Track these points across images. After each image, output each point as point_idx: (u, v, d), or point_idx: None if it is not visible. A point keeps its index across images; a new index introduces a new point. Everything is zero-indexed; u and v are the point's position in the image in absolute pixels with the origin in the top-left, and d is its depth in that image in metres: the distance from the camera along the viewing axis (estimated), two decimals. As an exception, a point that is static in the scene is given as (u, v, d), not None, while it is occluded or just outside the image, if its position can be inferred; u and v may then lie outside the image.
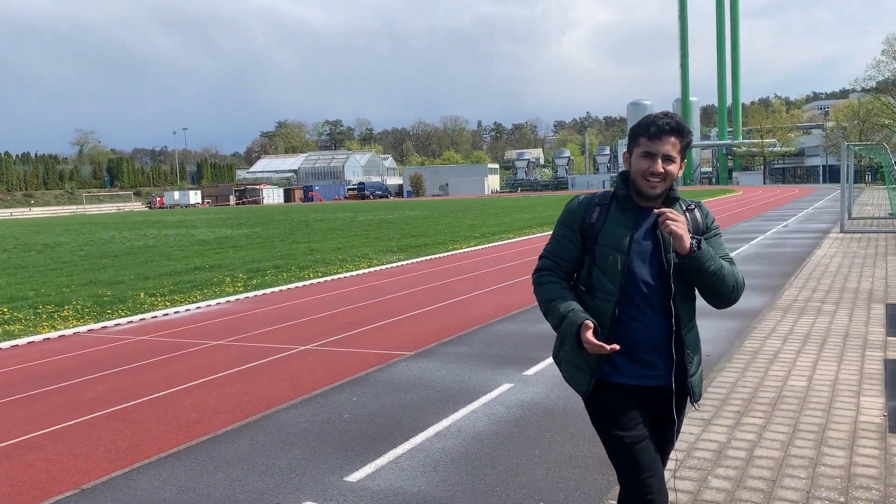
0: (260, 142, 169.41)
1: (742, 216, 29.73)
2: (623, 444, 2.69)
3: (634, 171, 2.67)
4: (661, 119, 2.63)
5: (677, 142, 2.63)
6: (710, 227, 2.74)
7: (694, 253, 2.56)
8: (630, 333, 2.65)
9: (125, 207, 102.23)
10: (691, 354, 2.72)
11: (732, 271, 2.67)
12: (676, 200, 2.70)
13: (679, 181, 15.48)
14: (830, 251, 15.66)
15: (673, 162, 2.63)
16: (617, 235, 2.65)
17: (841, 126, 78.18)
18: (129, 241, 29.30)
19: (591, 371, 2.69)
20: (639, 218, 2.68)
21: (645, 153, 2.62)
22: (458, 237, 23.96)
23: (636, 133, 2.68)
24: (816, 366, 6.54)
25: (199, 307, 11.76)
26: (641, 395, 2.72)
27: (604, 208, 2.73)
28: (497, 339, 8.38)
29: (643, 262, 2.64)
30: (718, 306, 2.74)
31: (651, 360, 2.67)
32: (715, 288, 2.64)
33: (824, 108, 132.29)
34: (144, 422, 5.94)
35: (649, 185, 2.62)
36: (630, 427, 2.69)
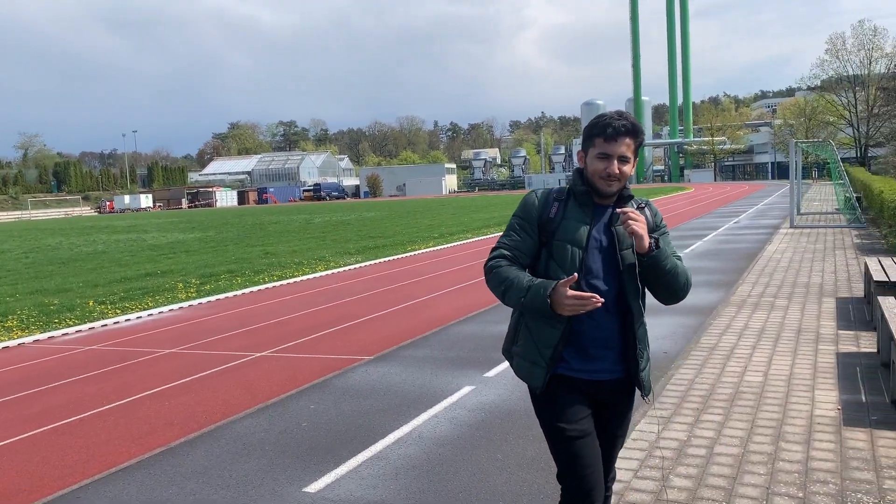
0: (212, 143, 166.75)
1: (695, 213, 30.25)
2: (566, 436, 2.70)
3: (591, 171, 2.69)
4: (616, 121, 2.65)
5: (632, 142, 2.67)
6: (658, 226, 2.77)
7: (653, 251, 2.61)
8: (583, 328, 2.68)
9: (73, 212, 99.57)
10: (642, 350, 2.75)
11: (684, 268, 2.73)
12: (631, 198, 2.73)
13: (632, 179, 15.51)
14: (781, 246, 15.99)
15: (628, 162, 2.67)
16: (575, 231, 2.67)
17: (788, 124, 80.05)
18: (78, 247, 28.51)
19: (547, 365, 2.69)
20: (595, 213, 2.71)
21: (601, 154, 2.65)
22: (417, 238, 23.88)
23: (592, 134, 2.70)
24: (772, 361, 6.64)
25: (150, 314, 11.47)
26: (589, 390, 2.74)
27: (561, 204, 2.75)
28: (457, 340, 8.33)
29: (598, 258, 2.67)
30: (668, 302, 2.78)
31: (601, 354, 2.71)
32: (669, 285, 2.68)
33: (772, 106, 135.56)
34: (95, 436, 5.73)
35: (606, 185, 2.66)
36: (574, 420, 2.71)
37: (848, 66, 64.61)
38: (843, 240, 16.87)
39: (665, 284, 2.68)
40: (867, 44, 63.27)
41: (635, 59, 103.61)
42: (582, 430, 2.71)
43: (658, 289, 2.72)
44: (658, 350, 7.30)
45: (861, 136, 64.75)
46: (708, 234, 19.99)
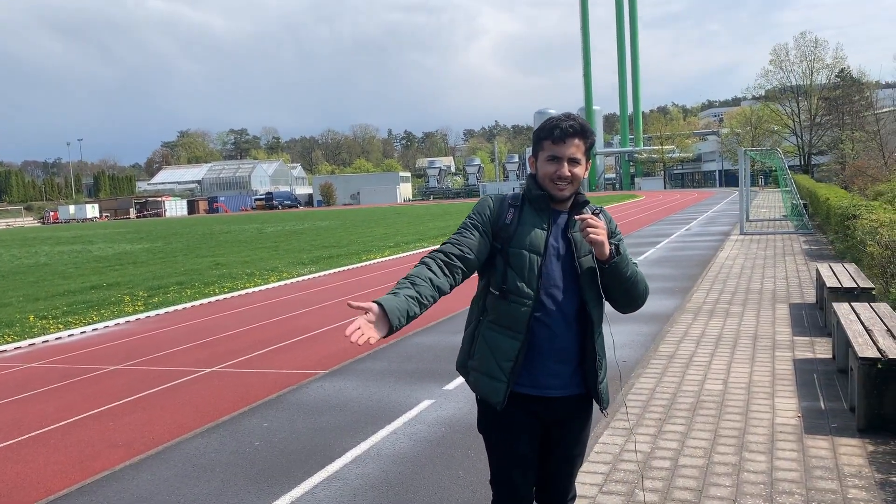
0: (161, 152, 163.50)
1: (647, 220, 30.63)
2: (507, 460, 2.64)
3: (541, 175, 2.60)
4: (564, 122, 2.56)
5: (581, 143, 2.58)
6: (614, 233, 2.67)
7: (614, 259, 2.52)
8: (537, 340, 2.56)
9: (15, 223, 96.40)
10: (601, 360, 2.65)
11: (641, 275, 2.67)
12: (587, 203, 2.64)
13: (584, 187, 15.59)
14: (732, 253, 16.23)
15: (579, 164, 2.58)
16: (533, 237, 2.58)
17: (735, 132, 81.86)
18: (18, 259, 27.51)
19: (508, 379, 2.56)
20: (552, 220, 2.61)
21: (550, 157, 2.57)
22: (372, 247, 23.64)
23: (540, 137, 2.61)
24: (730, 368, 6.64)
25: (95, 329, 11.04)
26: (541, 409, 2.62)
27: (517, 210, 2.64)
28: (415, 352, 8.17)
29: (557, 265, 2.58)
30: (627, 311, 2.71)
31: (558, 369, 2.59)
32: (629, 293, 2.61)
33: (718, 115, 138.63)
34: (33, 460, 5.41)
35: (557, 189, 2.57)
36: (521, 443, 2.62)
37: (791, 77, 66.46)
38: (791, 246, 17.21)
39: (625, 291, 2.60)
40: (809, 55, 65.15)
41: (586, 69, 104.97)
42: (524, 455, 2.63)
43: (618, 297, 2.62)
44: (617, 359, 7.24)
45: (804, 144, 66.58)
46: (661, 241, 20.21)
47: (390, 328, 2.30)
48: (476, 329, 2.69)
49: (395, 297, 2.34)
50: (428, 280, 2.44)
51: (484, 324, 2.66)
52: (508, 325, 2.57)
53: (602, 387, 2.67)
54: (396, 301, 2.33)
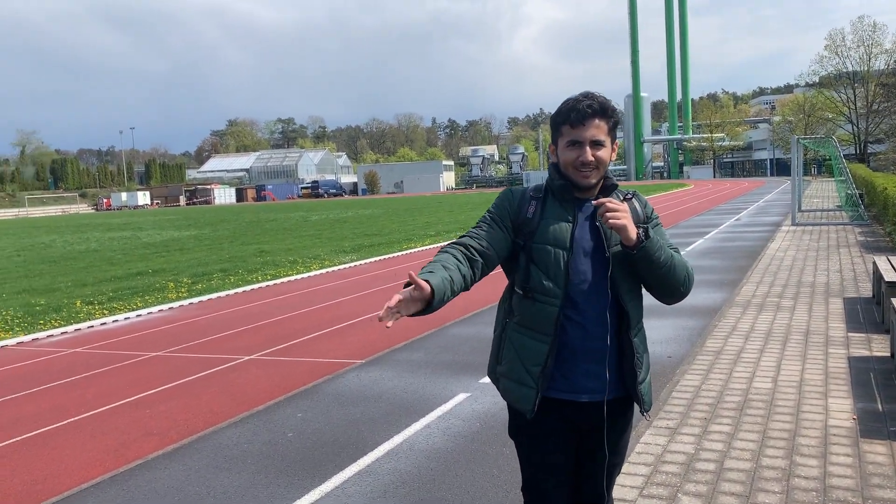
0: (210, 141, 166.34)
1: (695, 210, 29.96)
2: (530, 466, 2.47)
3: (563, 162, 2.38)
4: (582, 102, 2.33)
5: (603, 124, 2.34)
6: (650, 217, 2.45)
7: (642, 243, 2.28)
8: (570, 340, 2.36)
9: (70, 210, 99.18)
10: (640, 359, 2.42)
11: (683, 261, 2.41)
12: (615, 188, 2.42)
13: (631, 176, 15.18)
14: (784, 244, 15.71)
15: (603, 146, 2.35)
16: (557, 231, 2.37)
17: (787, 120, 79.70)
18: (71, 245, 28.19)
19: (537, 384, 2.37)
20: (577, 211, 2.40)
21: (571, 142, 2.34)
22: (413, 236, 23.57)
23: (558, 121, 2.38)
24: (781, 365, 6.35)
25: (139, 315, 11.17)
26: (576, 416, 2.42)
27: (539, 202, 2.43)
28: (453, 343, 8.03)
29: (585, 259, 2.36)
30: (669, 301, 2.46)
31: (593, 370, 2.37)
32: (667, 280, 2.36)
33: (770, 102, 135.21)
34: (69, 447, 5.43)
35: (582, 176, 2.35)
36: (549, 450, 2.44)
37: (847, 63, 64.39)
38: (846, 237, 16.59)
39: (661, 279, 2.36)
40: (866, 40, 63.01)
41: (634, 56, 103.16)
42: (558, 464, 2.45)
43: (655, 285, 2.39)
44: (662, 354, 7.01)
45: (860, 132, 64.44)
46: (709, 232, 19.70)
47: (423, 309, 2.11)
48: (503, 332, 2.51)
49: (442, 279, 2.14)
50: (457, 268, 2.25)
51: (510, 326, 2.47)
52: (535, 326, 2.37)
53: (643, 387, 2.45)
54: (443, 284, 2.13)
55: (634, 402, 2.51)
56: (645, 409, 2.48)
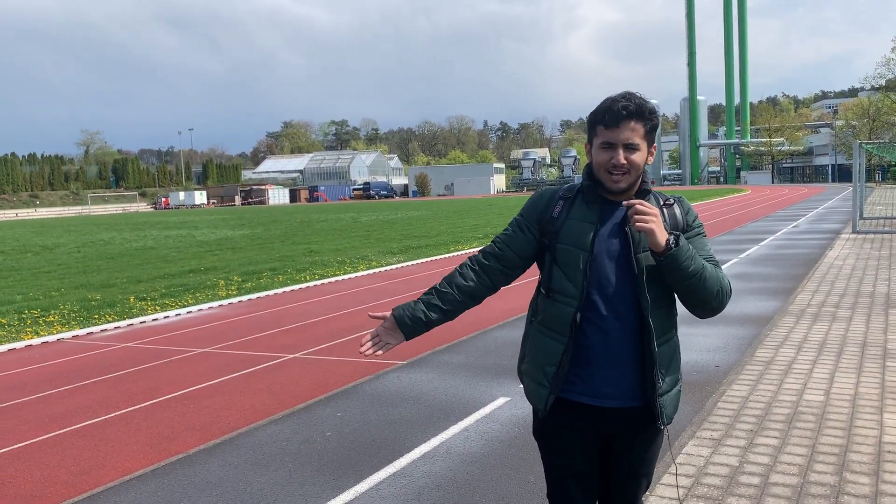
0: (266, 142, 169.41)
1: (751, 216, 29.24)
2: (558, 472, 2.43)
3: (595, 164, 2.32)
4: (618, 103, 2.26)
5: (639, 126, 2.26)
6: (691, 226, 2.37)
7: (671, 250, 2.18)
8: (590, 344, 2.31)
9: (130, 208, 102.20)
10: (663, 372, 2.32)
11: (717, 274, 2.29)
12: (648, 193, 2.34)
13: (685, 180, 14.80)
14: (843, 252, 15.19)
15: (637, 150, 2.27)
16: (579, 231, 2.34)
17: (850, 125, 77.33)
18: (128, 242, 29.00)
19: (551, 386, 2.35)
20: (604, 212, 2.34)
21: (604, 144, 2.28)
22: (461, 238, 23.56)
23: (594, 121, 2.32)
24: (834, 378, 6.12)
25: (189, 311, 11.39)
26: (597, 419, 2.37)
27: (567, 202, 2.41)
28: (495, 346, 7.97)
29: (610, 263, 2.30)
30: (701, 315, 2.36)
31: (612, 375, 2.32)
32: (696, 292, 2.26)
33: (833, 106, 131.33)
34: (115, 439, 5.55)
35: (612, 180, 2.28)
36: (571, 456, 2.40)
37: (916, 65, 62.01)
38: (910, 246, 15.95)
39: (689, 291, 2.26)
40: (937, 41, 60.59)
41: (691, 58, 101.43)
42: (577, 467, 2.40)
43: (684, 296, 2.31)
44: (709, 363, 6.83)
45: (928, 137, 62.06)
46: (765, 239, 19.20)
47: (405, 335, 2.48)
48: (528, 331, 2.50)
49: (410, 306, 2.48)
50: (452, 285, 2.49)
51: (534, 325, 2.46)
52: (554, 326, 2.36)
53: (664, 399, 2.35)
54: (410, 310, 2.47)
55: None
56: (663, 422, 2.36)
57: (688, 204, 2.42)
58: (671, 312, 2.38)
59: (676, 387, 2.41)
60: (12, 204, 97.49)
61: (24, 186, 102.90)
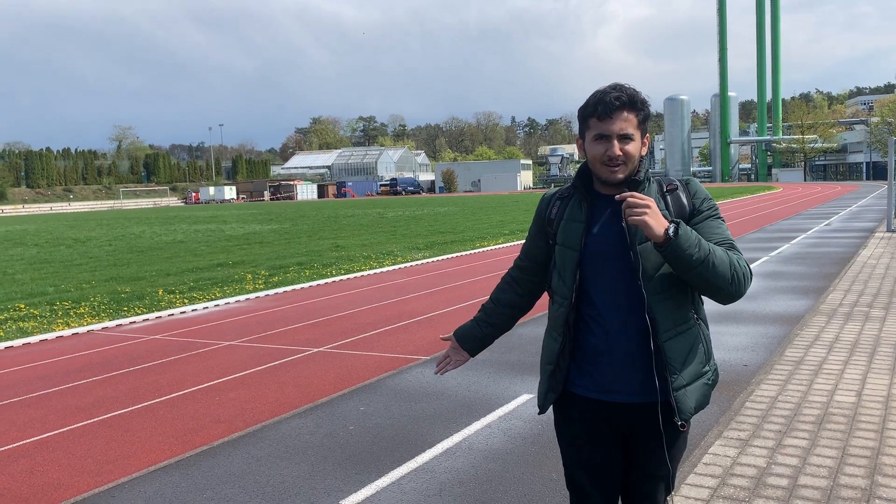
0: (294, 138, 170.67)
1: (782, 214, 28.79)
2: (570, 464, 2.44)
3: (590, 158, 2.29)
4: (610, 94, 2.22)
5: (632, 116, 2.24)
6: (699, 209, 2.29)
7: (670, 240, 2.09)
8: (593, 341, 2.30)
9: (161, 202, 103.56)
10: (675, 366, 2.23)
11: (729, 258, 2.18)
12: (640, 183, 2.28)
13: (716, 177, 14.59)
14: (877, 252, 14.89)
15: (631, 140, 2.24)
16: (570, 231, 2.35)
17: (886, 121, 75.90)
18: (159, 236, 29.37)
19: (548, 384, 2.39)
20: (598, 208, 2.30)
21: (598, 136, 2.25)
22: (487, 234, 23.50)
23: (585, 114, 2.28)
24: (866, 379, 5.98)
25: (217, 305, 11.50)
26: (608, 414, 2.34)
27: (564, 202, 2.41)
28: (519, 343, 7.93)
29: (606, 259, 2.27)
30: (720, 301, 2.27)
31: (618, 371, 2.28)
32: (707, 280, 2.15)
33: (868, 103, 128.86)
34: (141, 430, 5.61)
35: (609, 172, 2.25)
36: (581, 447, 2.39)
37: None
38: (947, 246, 15.58)
39: (701, 279, 2.15)
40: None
41: (722, 54, 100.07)
42: (590, 460, 2.39)
43: (696, 285, 2.21)
44: (738, 362, 6.73)
45: (968, 135, 60.63)
46: (796, 237, 18.88)
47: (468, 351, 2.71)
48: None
49: (466, 325, 2.71)
50: (494, 300, 2.69)
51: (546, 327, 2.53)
52: (554, 327, 2.42)
53: (679, 394, 2.25)
54: (465, 329, 2.71)
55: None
56: (681, 417, 2.26)
57: (696, 186, 2.35)
58: (682, 302, 2.28)
59: (700, 380, 2.31)
60: (47, 198, 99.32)
61: (59, 181, 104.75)
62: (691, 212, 2.30)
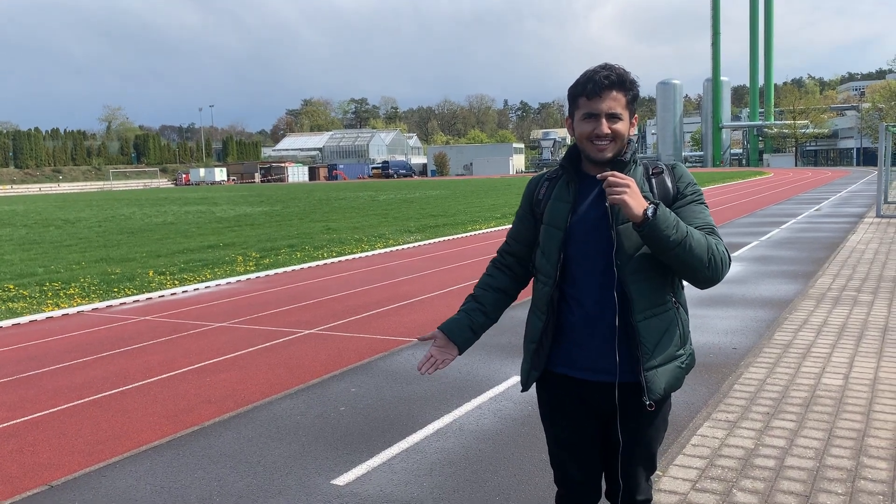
0: (286, 119, 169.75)
1: (773, 199, 28.90)
2: (551, 442, 2.54)
3: (579, 136, 2.32)
4: (599, 73, 2.25)
5: (621, 96, 2.27)
6: (683, 193, 2.32)
7: (648, 220, 2.12)
8: (573, 319, 2.34)
9: (151, 184, 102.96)
10: (648, 346, 2.26)
11: (707, 242, 2.21)
12: (625, 164, 2.30)
13: (707, 162, 14.60)
14: (866, 237, 14.98)
15: (620, 119, 2.27)
16: (557, 211, 2.38)
17: (877, 107, 76.09)
18: (149, 217, 29.23)
19: (532, 362, 2.47)
20: (584, 189, 2.34)
21: (587, 115, 2.28)
22: (479, 217, 23.50)
23: (574, 94, 2.31)
24: (854, 362, 6.04)
25: (207, 286, 11.47)
26: (584, 393, 2.39)
27: (552, 183, 2.45)
28: (510, 325, 7.90)
29: (588, 238, 2.30)
30: (697, 285, 2.29)
31: (593, 350, 2.32)
32: (683, 262, 2.18)
33: (860, 89, 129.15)
34: (132, 410, 5.61)
35: (597, 150, 2.28)
36: (562, 427, 2.45)
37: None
38: (935, 231, 15.69)
39: (677, 260, 2.18)
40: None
41: (715, 39, 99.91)
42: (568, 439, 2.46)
43: (674, 266, 2.24)
44: (727, 345, 6.77)
45: (958, 121, 60.86)
46: (786, 222, 18.97)
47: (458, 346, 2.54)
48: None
49: (453, 317, 2.57)
50: (485, 286, 2.62)
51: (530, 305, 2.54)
52: (538, 305, 2.46)
53: (650, 374, 2.27)
54: (454, 320, 2.56)
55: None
56: (650, 397, 2.28)
57: (682, 170, 2.39)
58: (661, 284, 2.30)
59: (673, 362, 2.33)
60: (36, 178, 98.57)
61: (48, 161, 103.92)
62: (675, 195, 2.33)
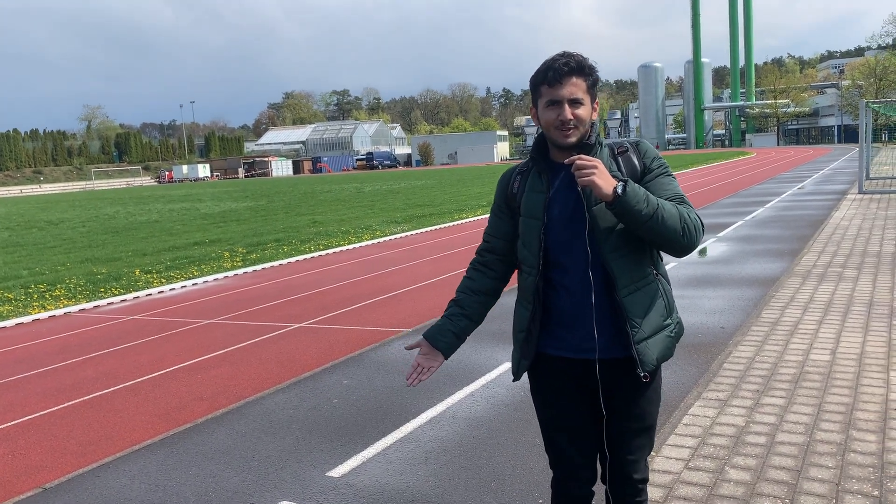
0: (268, 113, 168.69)
1: (756, 178, 29.07)
2: (544, 424, 2.57)
3: (544, 123, 2.35)
4: (558, 61, 2.30)
5: (581, 81, 2.31)
6: (650, 168, 2.38)
7: (618, 198, 2.18)
8: (561, 304, 2.39)
9: (134, 182, 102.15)
10: (636, 320, 2.32)
11: (679, 212, 2.26)
12: (591, 147, 2.35)
13: (690, 144, 14.68)
14: (849, 213, 15.11)
15: (581, 104, 2.31)
16: (533, 202, 2.42)
17: (857, 85, 76.55)
18: (133, 216, 29.02)
19: (521, 351, 2.50)
20: (555, 176, 2.40)
21: (549, 102, 2.31)
22: (465, 206, 23.50)
23: (536, 83, 2.35)
24: (840, 337, 6.10)
25: (195, 283, 11.42)
26: (578, 373, 2.43)
27: (524, 176, 2.50)
28: (499, 312, 7.89)
29: (566, 224, 2.36)
30: (676, 254, 2.36)
31: (583, 330, 2.37)
32: (658, 233, 2.24)
33: (839, 66, 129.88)
34: (124, 410, 5.59)
35: (562, 136, 2.32)
36: (557, 409, 2.49)
37: (924, 22, 61.11)
38: (917, 206, 15.85)
39: (650, 232, 2.24)
40: (946, -2, 59.61)
41: (695, 20, 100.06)
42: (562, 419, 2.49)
43: (650, 239, 2.29)
44: (715, 325, 6.82)
45: (936, 96, 61.36)
46: (770, 201, 19.09)
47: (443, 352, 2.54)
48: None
49: (437, 323, 2.57)
50: (466, 290, 2.61)
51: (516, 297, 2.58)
52: (524, 296, 2.48)
53: (640, 347, 2.33)
54: (437, 327, 2.55)
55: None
56: (644, 369, 2.33)
57: (646, 146, 2.44)
58: (640, 258, 2.37)
59: (662, 332, 2.39)
60: (16, 180, 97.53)
61: (28, 163, 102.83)
62: (643, 171, 2.38)
